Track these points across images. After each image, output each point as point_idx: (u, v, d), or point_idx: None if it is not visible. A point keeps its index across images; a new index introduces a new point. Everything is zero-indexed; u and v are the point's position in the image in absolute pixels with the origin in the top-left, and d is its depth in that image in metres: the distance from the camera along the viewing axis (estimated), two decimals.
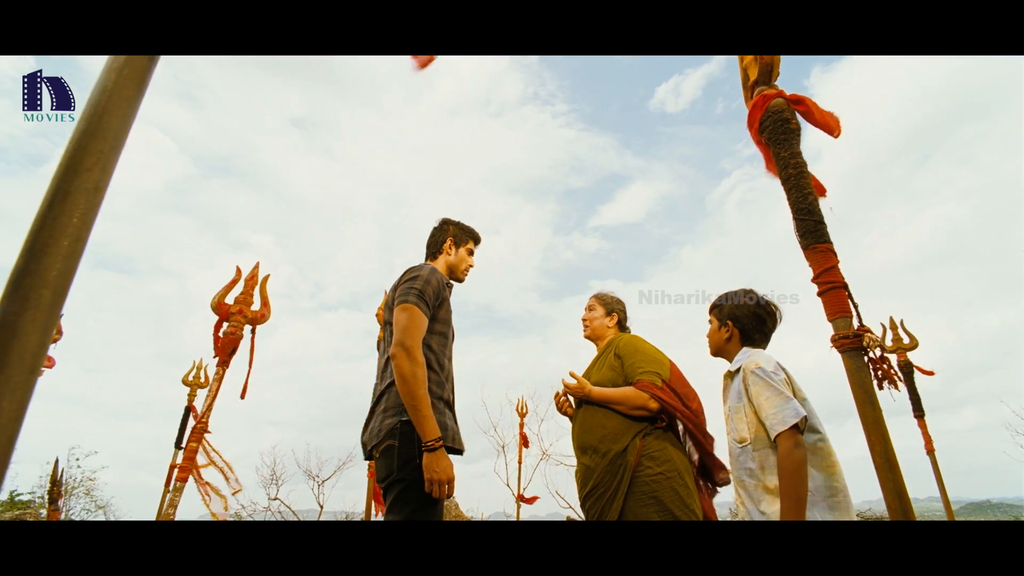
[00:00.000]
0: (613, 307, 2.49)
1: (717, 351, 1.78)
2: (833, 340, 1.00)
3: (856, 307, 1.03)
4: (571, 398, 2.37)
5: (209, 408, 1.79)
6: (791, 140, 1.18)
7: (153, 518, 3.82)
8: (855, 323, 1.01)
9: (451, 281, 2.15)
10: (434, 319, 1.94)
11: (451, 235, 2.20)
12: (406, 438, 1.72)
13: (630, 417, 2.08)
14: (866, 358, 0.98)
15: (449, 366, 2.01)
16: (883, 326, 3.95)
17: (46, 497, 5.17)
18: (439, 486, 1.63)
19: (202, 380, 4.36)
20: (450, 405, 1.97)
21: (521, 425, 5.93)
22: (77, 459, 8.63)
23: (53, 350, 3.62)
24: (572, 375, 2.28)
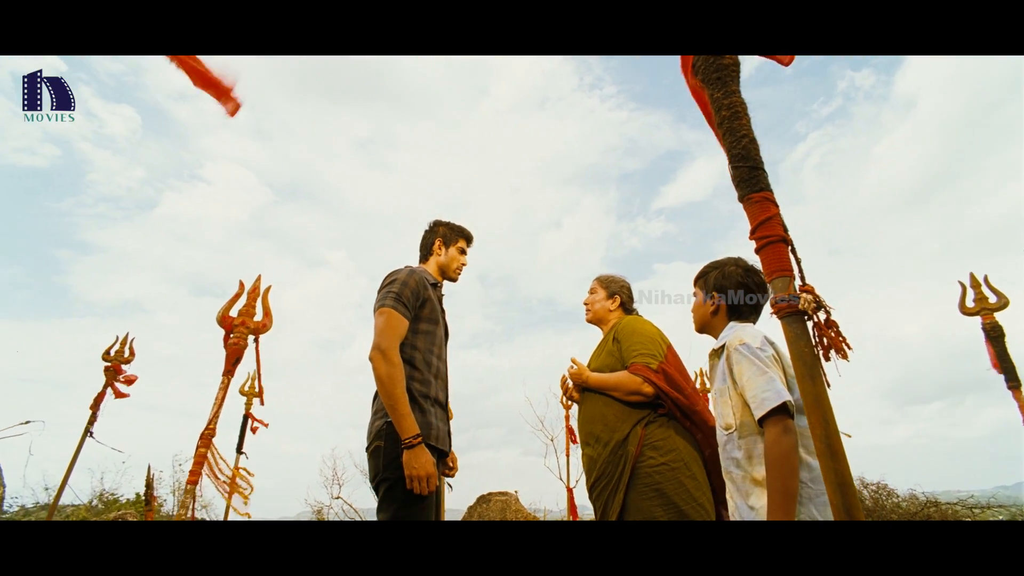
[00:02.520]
0: (615, 289, 2.35)
1: (702, 326, 1.60)
2: (772, 304, 0.84)
3: (799, 263, 0.86)
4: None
5: (215, 415, 1.92)
6: (726, 78, 1.01)
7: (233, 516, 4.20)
8: (797, 283, 0.85)
9: (438, 281, 2.14)
10: (418, 319, 1.94)
11: (440, 236, 2.20)
12: (391, 438, 1.73)
13: (630, 404, 1.95)
14: (810, 324, 0.82)
15: (438, 364, 1.99)
16: (962, 284, 3.40)
17: (144, 499, 5.85)
18: (419, 482, 1.64)
19: (255, 389, 4.71)
20: (439, 403, 1.95)
21: (567, 418, 5.80)
22: (180, 464, 9.69)
23: (127, 369, 4.07)
24: (574, 361, 2.20)
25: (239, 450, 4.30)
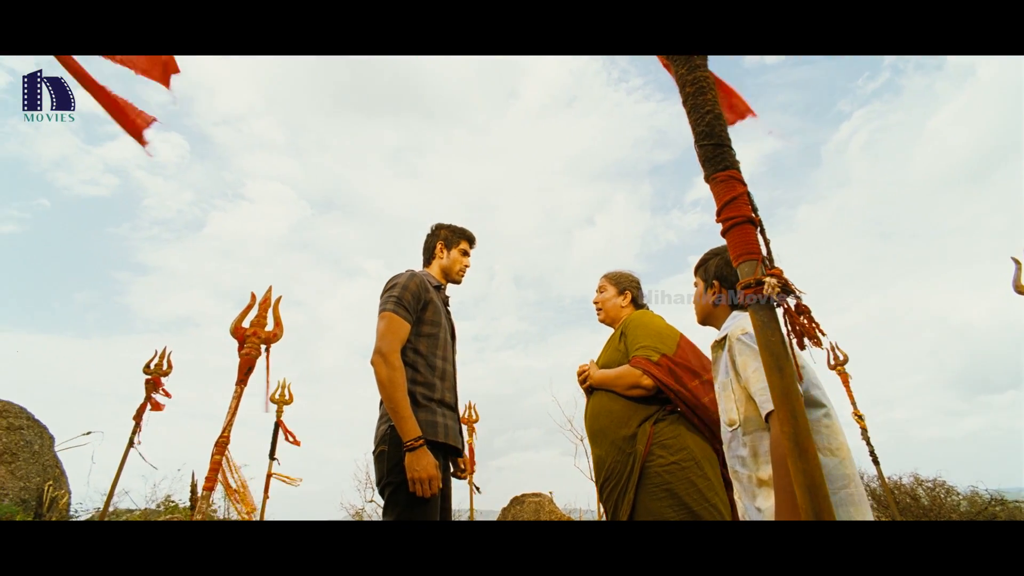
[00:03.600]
0: (625, 285, 2.28)
1: (704, 318, 1.51)
2: (738, 290, 0.78)
3: (768, 244, 0.79)
4: None
5: (229, 424, 1.98)
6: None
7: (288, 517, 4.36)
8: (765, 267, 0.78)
9: (442, 284, 2.14)
10: (420, 322, 1.94)
11: (441, 238, 2.21)
12: (395, 442, 1.74)
13: (636, 399, 1.88)
14: (780, 310, 0.75)
15: (444, 365, 1.99)
16: (1016, 261, 3.11)
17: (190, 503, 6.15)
18: (420, 484, 1.64)
19: (287, 397, 4.86)
20: (446, 404, 1.94)
21: None
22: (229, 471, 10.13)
23: (165, 382, 4.29)
24: (593, 361, 2.16)
25: (272, 456, 4.46)
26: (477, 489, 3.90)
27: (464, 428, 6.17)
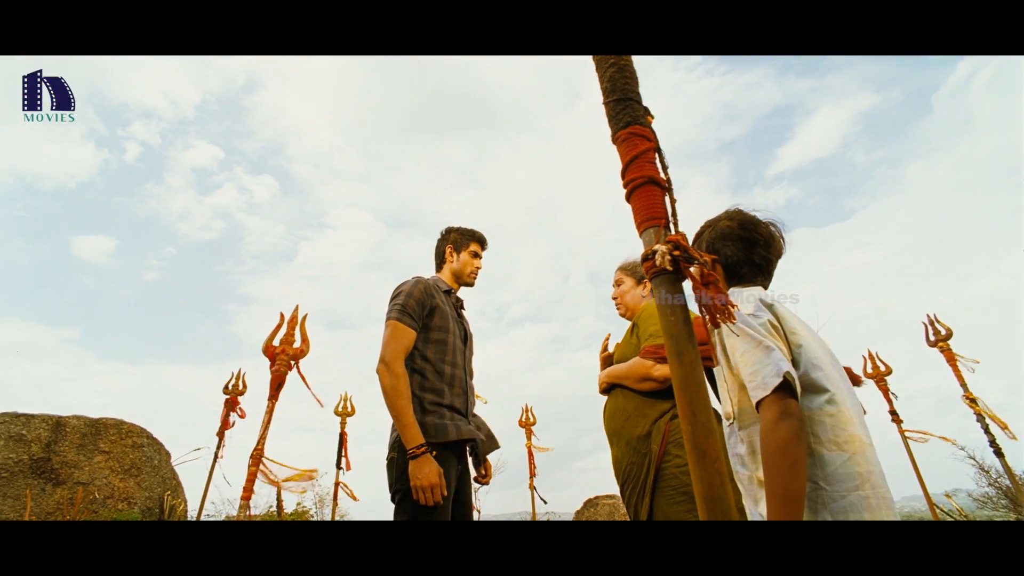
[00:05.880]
0: (643, 274, 2.11)
1: None
2: (642, 261, 0.67)
3: (674, 204, 0.67)
4: None
5: (263, 437, 2.11)
6: None
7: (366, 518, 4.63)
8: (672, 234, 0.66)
9: (452, 288, 2.13)
10: (427, 328, 1.94)
11: (451, 242, 2.21)
12: (403, 450, 1.75)
13: (651, 395, 1.73)
14: (694, 288, 0.63)
15: (453, 371, 1.97)
16: None
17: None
18: (423, 492, 1.63)
19: (349, 409, 5.13)
20: (455, 409, 1.92)
21: None
22: (318, 481, 11.02)
23: (242, 400, 4.71)
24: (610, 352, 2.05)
25: (338, 465, 4.72)
26: (543, 501, 3.82)
27: (522, 431, 6.15)
